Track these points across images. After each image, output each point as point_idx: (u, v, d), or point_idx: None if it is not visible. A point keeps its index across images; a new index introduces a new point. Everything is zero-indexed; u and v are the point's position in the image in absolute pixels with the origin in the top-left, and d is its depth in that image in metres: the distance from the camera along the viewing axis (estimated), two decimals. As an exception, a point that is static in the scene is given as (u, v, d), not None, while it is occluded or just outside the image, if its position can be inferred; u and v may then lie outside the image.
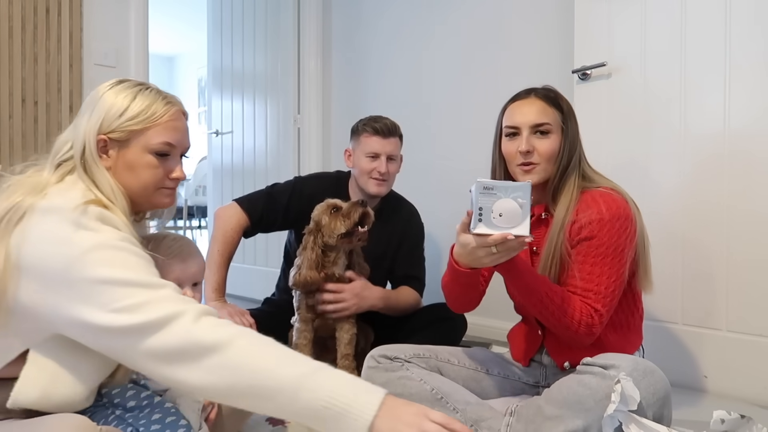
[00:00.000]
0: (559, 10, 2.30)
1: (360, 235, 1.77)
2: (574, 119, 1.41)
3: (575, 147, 1.38)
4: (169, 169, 1.11)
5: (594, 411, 1.11)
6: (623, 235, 1.29)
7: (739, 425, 1.13)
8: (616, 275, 1.29)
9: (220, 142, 3.76)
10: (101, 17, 2.45)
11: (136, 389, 1.06)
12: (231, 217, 1.98)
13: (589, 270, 1.29)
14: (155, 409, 1.04)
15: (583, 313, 1.26)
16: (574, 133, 1.39)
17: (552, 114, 1.37)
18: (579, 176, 1.37)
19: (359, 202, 1.78)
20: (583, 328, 1.26)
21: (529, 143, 1.36)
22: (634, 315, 1.42)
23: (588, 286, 1.28)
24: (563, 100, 1.41)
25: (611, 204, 1.30)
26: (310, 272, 1.79)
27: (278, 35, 3.34)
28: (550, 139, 1.36)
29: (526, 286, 1.26)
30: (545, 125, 1.36)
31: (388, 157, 1.98)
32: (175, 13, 6.29)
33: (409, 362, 1.42)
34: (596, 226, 1.29)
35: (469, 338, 2.17)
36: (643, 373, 1.12)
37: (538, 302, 1.26)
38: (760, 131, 1.74)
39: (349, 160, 2.07)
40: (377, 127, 1.98)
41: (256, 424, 1.54)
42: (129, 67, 2.53)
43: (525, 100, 1.40)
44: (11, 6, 2.20)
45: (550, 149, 1.36)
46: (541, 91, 1.41)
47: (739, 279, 1.79)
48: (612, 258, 1.28)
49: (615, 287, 1.29)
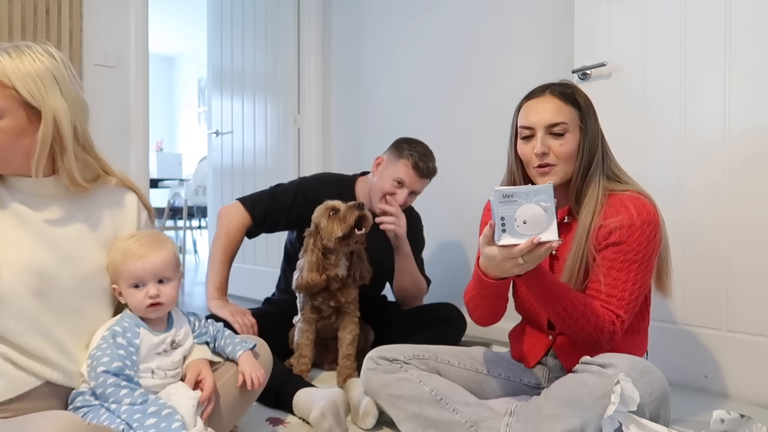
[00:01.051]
0: (559, 10, 2.30)
1: (357, 238, 1.77)
2: (594, 115, 1.34)
3: (596, 145, 1.32)
4: None
5: (591, 409, 1.10)
6: (652, 241, 1.26)
7: (739, 425, 1.13)
8: (641, 282, 1.26)
9: (220, 142, 3.76)
10: (101, 17, 2.45)
11: (129, 387, 1.06)
12: (234, 217, 1.98)
13: (615, 276, 1.26)
14: (150, 405, 1.04)
15: (606, 320, 1.24)
16: (594, 131, 1.32)
17: (568, 112, 1.31)
18: (603, 176, 1.31)
19: (356, 205, 1.77)
20: (606, 335, 1.24)
21: (545, 144, 1.30)
22: (644, 319, 1.41)
23: (612, 291, 1.26)
24: (581, 95, 1.35)
25: (642, 209, 1.26)
26: (311, 275, 1.79)
27: (278, 35, 3.34)
28: (566, 139, 1.30)
29: (549, 294, 1.22)
30: (561, 125, 1.29)
31: (411, 192, 1.99)
32: (175, 13, 6.28)
33: (408, 363, 1.42)
34: (626, 231, 1.25)
35: (469, 338, 2.17)
36: (641, 372, 1.12)
37: (562, 310, 1.22)
38: (760, 131, 1.74)
39: (376, 168, 2.05)
40: (421, 165, 1.97)
41: (255, 424, 1.54)
42: (129, 67, 2.53)
43: (540, 98, 1.33)
44: (11, 6, 2.20)
45: (568, 150, 1.30)
46: (557, 88, 1.34)
47: (739, 279, 1.78)
48: (639, 264, 1.25)
49: (639, 293, 1.27)
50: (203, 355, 1.23)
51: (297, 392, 1.59)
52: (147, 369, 1.13)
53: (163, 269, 1.16)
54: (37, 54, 1.07)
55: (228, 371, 1.26)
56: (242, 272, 3.36)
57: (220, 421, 1.22)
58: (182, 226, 5.88)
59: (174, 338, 1.19)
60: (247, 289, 3.32)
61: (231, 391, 1.24)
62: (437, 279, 2.47)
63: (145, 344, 1.14)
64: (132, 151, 2.55)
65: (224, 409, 1.22)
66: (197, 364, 1.20)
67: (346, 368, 1.83)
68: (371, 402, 1.49)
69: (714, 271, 1.83)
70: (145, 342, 1.14)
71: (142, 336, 1.14)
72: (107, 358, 1.07)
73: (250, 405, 1.35)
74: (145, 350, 1.13)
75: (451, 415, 1.30)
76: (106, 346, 1.09)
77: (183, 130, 8.25)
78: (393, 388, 1.38)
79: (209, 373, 1.19)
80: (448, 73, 2.72)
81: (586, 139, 1.31)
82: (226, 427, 1.25)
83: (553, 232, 1.05)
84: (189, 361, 1.20)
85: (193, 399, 1.11)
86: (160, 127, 7.87)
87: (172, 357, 1.17)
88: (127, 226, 1.22)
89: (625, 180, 1.35)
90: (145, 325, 1.16)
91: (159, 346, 1.16)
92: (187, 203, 5.56)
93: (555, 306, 1.23)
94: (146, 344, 1.14)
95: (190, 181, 5.62)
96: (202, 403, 1.14)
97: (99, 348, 1.09)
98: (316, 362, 1.96)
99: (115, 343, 1.09)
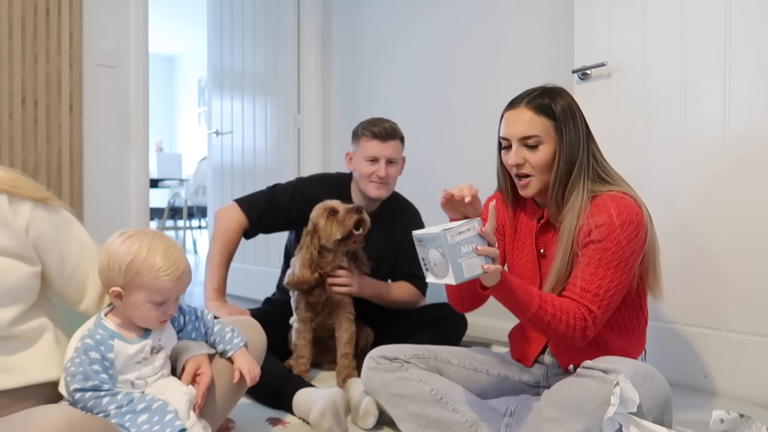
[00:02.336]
0: (559, 10, 2.30)
1: (356, 238, 1.79)
2: (575, 122, 1.32)
3: (576, 152, 1.31)
4: None
5: (594, 415, 1.11)
6: (633, 240, 1.26)
7: (739, 425, 1.13)
8: (618, 280, 1.26)
9: (220, 142, 3.76)
10: (101, 17, 2.45)
11: (110, 394, 1.04)
12: (231, 218, 1.98)
13: (592, 272, 1.26)
14: (138, 403, 1.03)
15: (577, 317, 1.24)
16: (573, 138, 1.31)
17: (541, 124, 1.30)
18: (588, 180, 1.31)
19: (354, 208, 1.78)
20: (578, 332, 1.24)
21: (519, 155, 1.32)
22: (639, 319, 1.41)
23: (587, 286, 1.26)
24: (559, 102, 1.32)
25: (623, 209, 1.26)
26: (303, 271, 1.81)
27: (278, 35, 3.34)
28: (540, 150, 1.31)
29: (517, 305, 1.23)
30: (533, 138, 1.31)
31: (388, 161, 1.97)
32: (175, 13, 6.29)
33: (409, 363, 1.42)
34: (605, 230, 1.25)
35: (469, 338, 2.17)
36: (644, 378, 1.12)
37: (533, 317, 1.23)
38: (760, 131, 1.74)
39: (350, 163, 2.07)
40: (376, 131, 1.97)
41: (255, 424, 1.54)
42: (129, 67, 2.53)
43: (515, 110, 1.35)
44: (11, 6, 2.20)
45: (541, 161, 1.31)
46: (534, 99, 1.33)
47: (739, 279, 1.78)
48: (617, 263, 1.25)
49: (615, 292, 1.27)
50: (204, 350, 1.22)
51: (297, 392, 1.59)
52: (125, 381, 1.08)
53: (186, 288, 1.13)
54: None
55: (219, 361, 1.25)
56: (242, 272, 3.37)
57: (213, 412, 1.22)
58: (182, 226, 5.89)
59: (154, 344, 1.13)
60: (247, 289, 3.32)
61: (222, 383, 1.23)
62: (437, 279, 2.47)
63: (121, 356, 1.07)
64: (132, 151, 2.55)
65: (217, 400, 1.22)
66: (198, 359, 1.19)
67: (345, 367, 1.83)
68: (371, 402, 1.50)
69: (714, 271, 1.83)
70: (120, 354, 1.07)
71: (117, 348, 1.07)
72: (81, 376, 1.02)
73: (241, 396, 1.34)
74: (121, 362, 1.07)
75: (451, 414, 1.31)
76: (79, 362, 1.03)
77: (183, 130, 8.25)
78: (393, 387, 1.38)
79: (208, 369, 1.18)
80: (448, 73, 2.72)
81: (563, 148, 1.31)
82: (219, 418, 1.25)
83: (450, 277, 1.08)
84: (190, 355, 1.19)
85: (187, 394, 1.09)
86: (160, 127, 7.88)
87: (153, 364, 1.12)
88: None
89: (613, 180, 1.35)
90: (120, 335, 1.09)
91: (137, 355, 1.09)
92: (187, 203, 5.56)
93: (526, 314, 1.23)
94: (122, 356, 1.07)
95: (190, 181, 5.63)
96: (200, 398, 1.13)
97: (72, 362, 1.04)
98: (316, 362, 1.97)
99: (88, 359, 1.03)
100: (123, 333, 1.10)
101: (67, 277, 1.14)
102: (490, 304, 1.56)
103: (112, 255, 1.07)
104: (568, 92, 1.37)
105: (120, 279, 1.06)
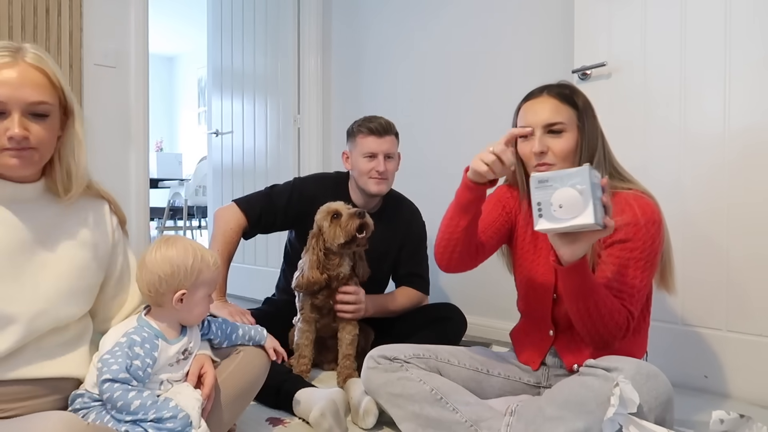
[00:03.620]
0: (558, 10, 2.30)
1: (359, 241, 1.79)
2: (593, 116, 1.36)
3: (596, 144, 1.33)
4: (4, 128, 1.01)
5: (595, 413, 1.11)
6: (656, 239, 1.28)
7: (739, 425, 1.13)
8: (647, 279, 1.28)
9: (220, 142, 3.76)
10: (101, 17, 2.45)
11: (137, 389, 1.05)
12: (230, 218, 1.99)
13: (624, 272, 1.27)
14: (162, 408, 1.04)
15: (622, 317, 1.24)
16: (593, 130, 1.34)
17: (566, 112, 1.33)
18: (606, 174, 1.31)
19: (356, 213, 1.78)
20: (621, 333, 1.25)
21: (543, 143, 1.31)
22: (645, 319, 1.41)
23: (623, 288, 1.26)
24: (579, 96, 1.37)
25: (646, 208, 1.28)
26: (312, 272, 1.81)
27: (278, 35, 3.34)
28: (564, 138, 1.31)
29: (584, 289, 1.20)
30: (558, 124, 1.31)
31: (386, 156, 1.98)
32: (175, 13, 6.28)
33: (409, 363, 1.42)
34: (632, 229, 1.26)
35: (469, 338, 2.17)
36: (646, 377, 1.12)
37: (591, 306, 1.21)
38: (760, 131, 1.74)
39: (347, 162, 2.07)
40: (372, 126, 1.98)
41: (256, 424, 1.54)
42: (129, 67, 2.53)
43: (538, 98, 1.36)
44: (11, 6, 2.20)
45: (566, 148, 1.31)
46: (554, 89, 1.36)
47: (739, 279, 1.78)
48: (645, 262, 1.27)
49: (644, 290, 1.28)
50: (206, 350, 1.23)
51: (297, 392, 1.59)
52: (157, 381, 1.12)
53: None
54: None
55: (228, 368, 1.26)
56: (242, 272, 3.37)
57: (220, 419, 1.22)
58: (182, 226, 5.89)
59: (187, 346, 1.18)
60: (247, 289, 3.32)
61: (230, 389, 1.24)
62: (438, 279, 2.47)
63: (163, 357, 1.12)
64: (132, 150, 2.55)
65: (224, 406, 1.22)
66: (200, 358, 1.20)
67: (346, 368, 1.83)
68: (371, 402, 1.50)
69: (714, 271, 1.83)
70: (162, 354, 1.12)
71: (161, 348, 1.12)
72: (116, 366, 1.04)
73: (248, 403, 1.35)
74: (161, 362, 1.12)
75: (451, 414, 1.30)
76: (120, 354, 1.06)
77: (183, 130, 8.25)
78: (393, 387, 1.38)
79: (211, 368, 1.19)
80: (448, 73, 2.72)
81: (584, 139, 1.33)
82: (225, 425, 1.25)
83: (589, 215, 1.04)
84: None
85: (198, 400, 1.10)
86: (160, 127, 7.88)
87: (183, 369, 1.17)
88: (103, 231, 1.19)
89: (628, 179, 1.36)
90: (163, 335, 1.14)
91: (174, 357, 1.15)
92: (187, 203, 5.56)
93: (586, 302, 1.21)
94: (163, 357, 1.13)
95: (190, 181, 5.63)
96: (204, 399, 1.14)
97: (112, 354, 1.06)
98: (316, 362, 1.97)
99: (132, 353, 1.07)
100: (165, 332, 1.15)
101: (114, 293, 1.22)
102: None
103: (174, 261, 1.13)
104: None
105: (187, 281, 1.14)
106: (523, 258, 1.49)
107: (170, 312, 1.16)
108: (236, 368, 1.27)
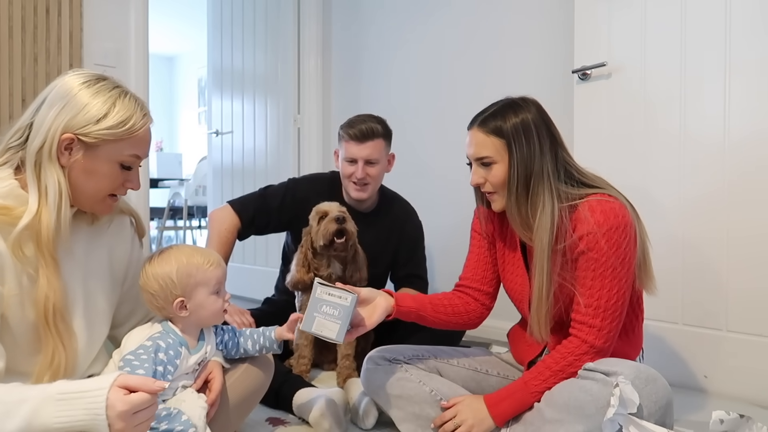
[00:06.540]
0: (559, 10, 2.30)
1: (337, 246, 1.78)
2: (529, 137, 1.27)
3: (531, 167, 1.27)
4: (127, 179, 1.08)
5: (595, 417, 1.11)
6: (623, 244, 1.23)
7: (739, 425, 1.13)
8: (618, 287, 1.24)
9: (220, 142, 3.76)
10: (101, 17, 2.45)
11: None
12: (224, 219, 1.98)
13: (589, 284, 1.25)
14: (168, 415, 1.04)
15: (576, 347, 1.24)
16: (526, 154, 1.27)
17: (491, 144, 1.30)
18: (553, 193, 1.26)
19: (336, 218, 1.77)
20: (587, 357, 1.23)
21: (479, 175, 1.34)
22: (638, 318, 1.40)
23: (588, 301, 1.24)
24: (510, 121, 1.29)
25: (608, 213, 1.23)
26: (299, 270, 1.83)
27: (278, 35, 3.34)
28: (493, 169, 1.31)
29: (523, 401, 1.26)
30: (486, 158, 1.31)
31: (367, 162, 1.94)
32: (175, 13, 6.28)
33: (408, 363, 1.42)
34: (592, 238, 1.23)
35: (469, 338, 2.17)
36: (646, 381, 1.12)
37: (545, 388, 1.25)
38: (760, 131, 1.74)
39: (337, 161, 2.06)
40: (351, 132, 1.94)
41: (255, 424, 1.54)
42: (129, 67, 2.53)
43: (470, 131, 1.36)
44: (11, 6, 2.19)
45: (497, 179, 1.31)
46: (485, 120, 1.32)
47: (739, 279, 1.78)
48: (613, 270, 1.23)
49: (618, 299, 1.24)
50: (216, 357, 1.23)
51: (297, 392, 1.59)
52: (173, 387, 1.11)
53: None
54: None
55: (234, 374, 1.25)
56: (242, 272, 3.37)
57: (227, 423, 1.22)
58: (182, 226, 5.88)
59: (204, 357, 1.17)
60: (246, 289, 3.32)
61: (236, 394, 1.24)
62: (438, 279, 2.47)
63: (184, 365, 1.11)
64: (132, 151, 2.55)
65: (230, 411, 1.22)
66: (209, 364, 1.20)
67: (345, 368, 1.83)
68: (371, 402, 1.50)
69: (714, 271, 1.83)
70: (183, 362, 1.11)
71: (183, 356, 1.11)
72: (142, 371, 1.02)
73: (252, 408, 1.34)
74: (181, 371, 1.11)
75: (451, 414, 1.30)
76: (145, 357, 1.04)
77: (183, 130, 8.25)
78: (393, 388, 1.38)
79: (220, 374, 1.18)
80: (448, 74, 2.72)
81: (513, 167, 1.28)
82: (230, 430, 1.25)
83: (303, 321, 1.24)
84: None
85: (204, 408, 1.09)
86: (160, 127, 7.87)
87: (197, 378, 1.16)
88: (123, 249, 1.21)
89: (593, 183, 1.31)
90: (186, 342, 1.13)
91: (193, 366, 1.14)
92: (187, 203, 5.56)
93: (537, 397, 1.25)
94: (184, 365, 1.12)
95: (190, 181, 5.63)
96: (209, 405, 1.13)
97: (136, 355, 1.05)
98: (316, 362, 1.97)
99: (155, 359, 1.06)
100: (187, 340, 1.14)
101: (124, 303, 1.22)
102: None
103: (159, 275, 1.13)
104: (529, 103, 1.32)
105: (178, 289, 1.12)
106: (501, 268, 1.49)
107: (181, 319, 1.15)
108: (242, 374, 1.26)
